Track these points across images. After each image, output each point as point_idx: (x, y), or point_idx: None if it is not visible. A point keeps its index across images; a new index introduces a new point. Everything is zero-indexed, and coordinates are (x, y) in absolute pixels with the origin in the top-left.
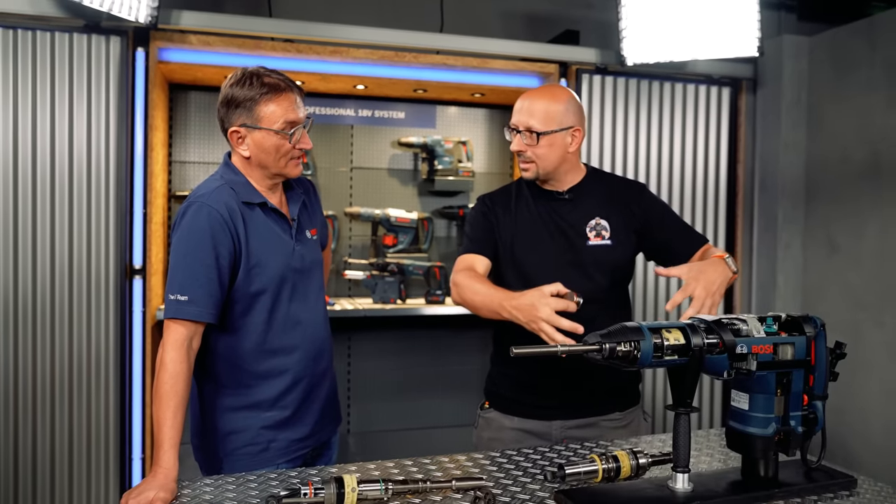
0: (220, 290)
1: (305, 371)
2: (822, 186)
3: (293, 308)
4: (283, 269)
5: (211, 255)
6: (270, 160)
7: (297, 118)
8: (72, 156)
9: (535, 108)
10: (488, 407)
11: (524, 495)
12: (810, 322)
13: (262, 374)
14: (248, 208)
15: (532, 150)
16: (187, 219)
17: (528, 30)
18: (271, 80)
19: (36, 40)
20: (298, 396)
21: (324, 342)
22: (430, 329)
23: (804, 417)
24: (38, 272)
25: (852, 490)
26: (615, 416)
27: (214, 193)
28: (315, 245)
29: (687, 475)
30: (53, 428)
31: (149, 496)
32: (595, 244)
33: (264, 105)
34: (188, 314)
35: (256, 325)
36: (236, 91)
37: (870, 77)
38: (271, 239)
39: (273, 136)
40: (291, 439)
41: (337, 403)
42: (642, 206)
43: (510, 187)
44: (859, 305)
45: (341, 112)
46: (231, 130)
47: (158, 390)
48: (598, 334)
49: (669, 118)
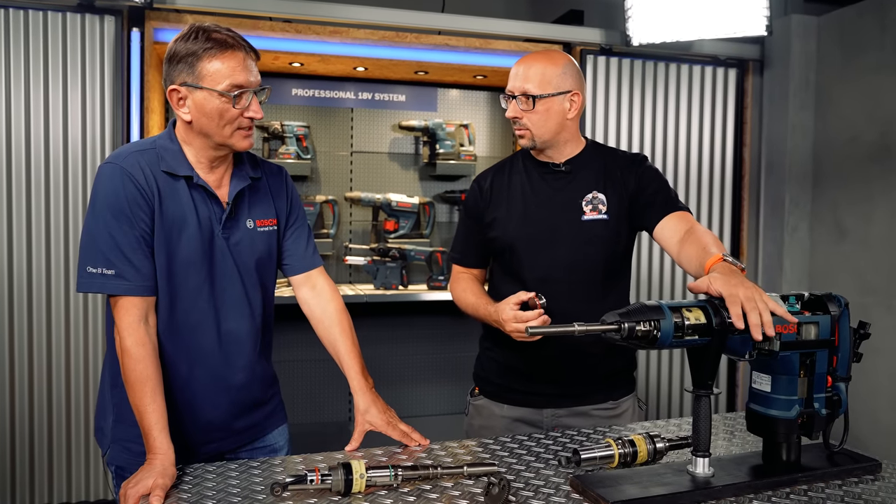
0: (148, 260)
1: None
2: (829, 170)
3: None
4: (193, 256)
5: (132, 224)
6: (213, 127)
7: (246, 81)
8: (66, 139)
9: (531, 71)
10: (478, 393)
11: (538, 481)
12: (834, 301)
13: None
14: (171, 179)
15: (528, 116)
16: (102, 182)
17: (531, 10)
18: (220, 35)
19: (28, 20)
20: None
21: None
22: (432, 315)
23: (828, 399)
24: (34, 257)
25: (877, 474)
26: (608, 406)
27: (132, 156)
28: (260, 238)
29: (707, 460)
30: (51, 418)
31: (147, 484)
32: (591, 218)
33: (207, 61)
34: (116, 289)
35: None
36: (179, 45)
37: (879, 58)
38: (188, 219)
39: (216, 97)
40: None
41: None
42: (636, 174)
43: (506, 161)
44: (867, 290)
45: (341, 95)
46: (171, 89)
47: (128, 378)
48: (616, 313)
49: (675, 100)
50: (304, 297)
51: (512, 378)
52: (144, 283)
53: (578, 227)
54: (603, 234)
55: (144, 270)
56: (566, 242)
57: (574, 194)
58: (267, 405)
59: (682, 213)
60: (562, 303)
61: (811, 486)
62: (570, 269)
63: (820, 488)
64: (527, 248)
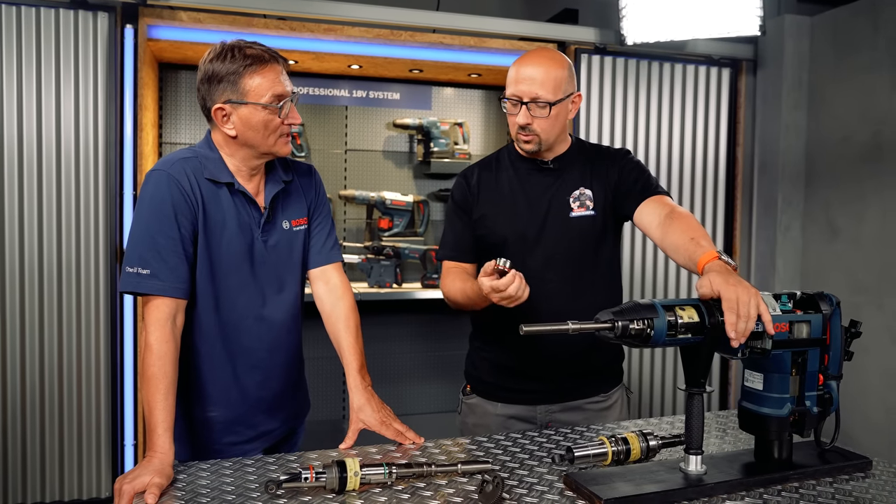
0: (184, 264)
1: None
2: (822, 169)
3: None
4: (234, 258)
5: (174, 227)
6: (259, 138)
7: (285, 91)
8: (59, 136)
9: (542, 76)
10: (470, 392)
11: (532, 478)
12: (826, 299)
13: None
14: (214, 186)
15: (538, 123)
16: (149, 187)
17: (526, 8)
18: (254, 51)
19: (21, 16)
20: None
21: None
22: (427, 313)
23: (819, 398)
24: (27, 256)
25: (867, 471)
26: (599, 398)
27: (178, 163)
28: (296, 237)
29: (700, 457)
30: (44, 414)
31: (144, 481)
32: (579, 215)
33: (249, 78)
34: (149, 288)
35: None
36: (217, 66)
37: (872, 58)
38: (228, 224)
39: (261, 111)
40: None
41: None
42: (619, 167)
43: (492, 157)
44: (859, 289)
45: (335, 93)
46: (215, 108)
47: (146, 373)
48: (610, 312)
49: (669, 99)
50: (318, 292)
51: (504, 376)
52: (178, 284)
53: (567, 223)
54: (591, 230)
55: (179, 272)
56: (555, 239)
57: (562, 191)
58: (299, 392)
59: (660, 196)
60: (553, 300)
61: (802, 483)
62: (560, 266)
63: (811, 485)
64: (515, 246)
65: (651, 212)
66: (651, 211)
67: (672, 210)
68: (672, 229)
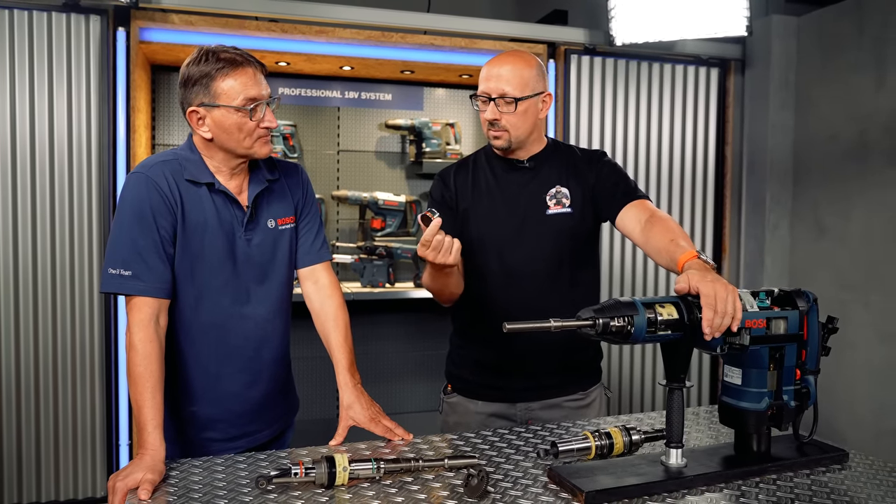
0: (164, 264)
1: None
2: (809, 168)
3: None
4: (216, 258)
5: (153, 229)
6: (233, 140)
7: (259, 94)
8: (52, 139)
9: (508, 74)
10: (451, 391)
11: (517, 472)
12: (803, 296)
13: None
14: (194, 187)
15: (507, 118)
16: (128, 190)
17: (516, 10)
18: (228, 55)
19: (13, 19)
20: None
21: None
22: (419, 312)
23: (797, 392)
24: (20, 258)
25: (844, 464)
26: (577, 396)
27: (157, 166)
28: (282, 236)
29: (680, 450)
30: (38, 413)
31: (136, 477)
32: (555, 212)
33: (221, 80)
34: (131, 289)
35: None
36: (192, 69)
37: (857, 58)
38: (210, 224)
39: (233, 113)
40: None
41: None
42: (595, 170)
43: (469, 158)
44: (846, 286)
45: (327, 94)
46: (190, 111)
47: (132, 373)
48: (591, 309)
49: (658, 99)
50: (307, 291)
51: (484, 374)
52: (159, 284)
53: (543, 221)
54: (568, 228)
55: (160, 273)
56: (532, 237)
57: (538, 189)
58: (289, 394)
59: (642, 200)
60: (532, 297)
61: (780, 475)
62: (538, 263)
63: (788, 477)
64: (493, 244)
65: (633, 217)
66: (633, 216)
67: (652, 214)
68: (653, 233)
